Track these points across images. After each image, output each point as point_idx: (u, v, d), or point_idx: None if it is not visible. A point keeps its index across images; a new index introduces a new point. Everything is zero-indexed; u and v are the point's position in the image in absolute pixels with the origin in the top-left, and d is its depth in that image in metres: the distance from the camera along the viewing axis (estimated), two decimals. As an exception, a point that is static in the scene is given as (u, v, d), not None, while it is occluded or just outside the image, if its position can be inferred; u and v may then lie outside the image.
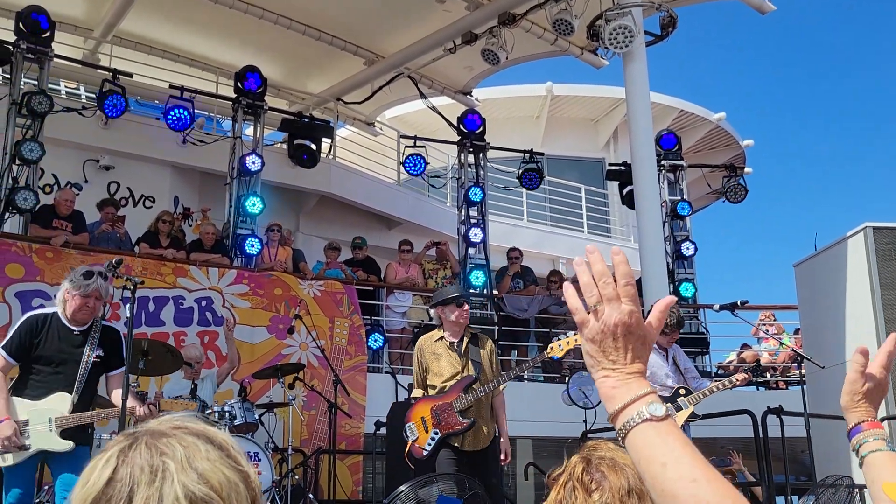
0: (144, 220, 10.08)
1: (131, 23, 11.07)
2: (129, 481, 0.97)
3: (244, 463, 1.05)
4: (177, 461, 0.99)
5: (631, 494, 1.58)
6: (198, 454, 1.01)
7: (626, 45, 9.14)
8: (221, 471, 1.00)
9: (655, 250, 9.23)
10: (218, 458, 1.02)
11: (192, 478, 0.98)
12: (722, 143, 17.63)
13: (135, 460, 0.99)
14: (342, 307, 9.25)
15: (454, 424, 5.41)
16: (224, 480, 1.00)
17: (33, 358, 4.62)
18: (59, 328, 4.70)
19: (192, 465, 0.99)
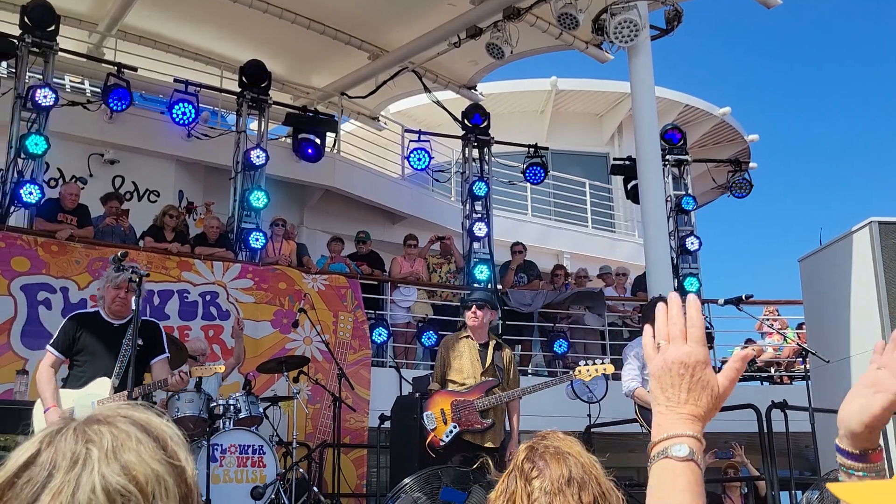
0: (149, 214, 10.10)
1: (136, 17, 11.08)
2: (48, 465, 0.93)
3: (182, 457, 1.01)
4: (101, 450, 0.94)
5: (571, 483, 1.57)
6: (127, 444, 0.96)
7: (632, 39, 9.12)
8: (149, 464, 0.96)
9: (660, 245, 9.22)
10: (150, 451, 0.97)
11: (113, 469, 0.93)
12: (727, 137, 17.58)
13: (59, 445, 0.95)
14: (346, 302, 9.26)
15: (474, 423, 5.69)
16: (150, 474, 0.95)
17: (77, 352, 5.01)
18: (100, 323, 5.08)
19: (118, 456, 0.95)
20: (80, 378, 4.98)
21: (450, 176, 13.56)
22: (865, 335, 6.94)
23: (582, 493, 1.58)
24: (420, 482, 4.54)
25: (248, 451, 6.20)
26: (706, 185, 13.87)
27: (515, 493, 1.63)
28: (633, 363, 6.29)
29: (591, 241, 15.62)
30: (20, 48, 8.90)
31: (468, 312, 5.96)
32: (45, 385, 4.87)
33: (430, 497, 4.48)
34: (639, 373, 6.22)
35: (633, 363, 6.30)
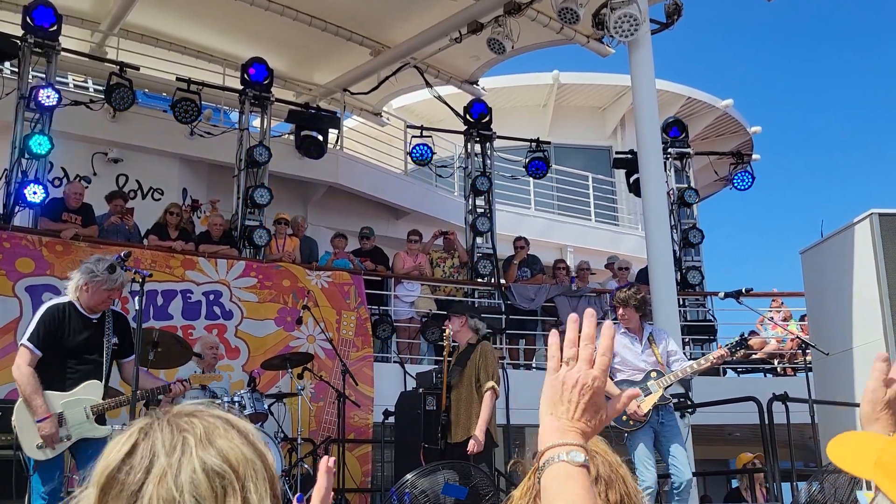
0: (153, 212, 10.14)
1: (138, 15, 11.10)
2: (148, 454, 1.01)
3: (262, 447, 1.09)
4: (196, 437, 1.02)
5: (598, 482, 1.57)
6: (217, 432, 1.04)
7: (632, 33, 9.11)
8: (240, 448, 1.04)
9: (662, 238, 9.23)
10: (237, 438, 1.05)
11: (210, 452, 1.01)
12: (729, 130, 17.56)
13: (156, 436, 1.03)
14: (349, 299, 9.29)
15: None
16: (241, 457, 1.03)
17: (59, 349, 4.65)
18: (78, 317, 4.73)
19: (211, 441, 1.03)
20: (68, 379, 4.65)
21: (452, 171, 13.58)
22: (867, 327, 6.96)
23: (609, 491, 1.57)
24: (422, 478, 4.58)
25: (254, 448, 6.23)
26: (709, 178, 13.86)
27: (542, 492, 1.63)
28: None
29: (595, 234, 15.63)
30: (22, 48, 8.93)
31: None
32: (34, 391, 4.48)
33: (432, 492, 4.53)
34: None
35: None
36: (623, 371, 5.97)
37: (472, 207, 11.34)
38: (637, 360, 5.96)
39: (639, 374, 5.91)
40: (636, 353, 5.98)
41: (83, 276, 4.76)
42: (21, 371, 4.53)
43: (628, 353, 5.96)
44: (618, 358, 5.96)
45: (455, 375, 6.16)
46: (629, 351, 5.97)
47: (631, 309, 5.95)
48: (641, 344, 6.03)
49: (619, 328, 6.02)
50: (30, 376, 4.52)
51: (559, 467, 1.19)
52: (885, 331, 6.70)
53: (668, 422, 5.90)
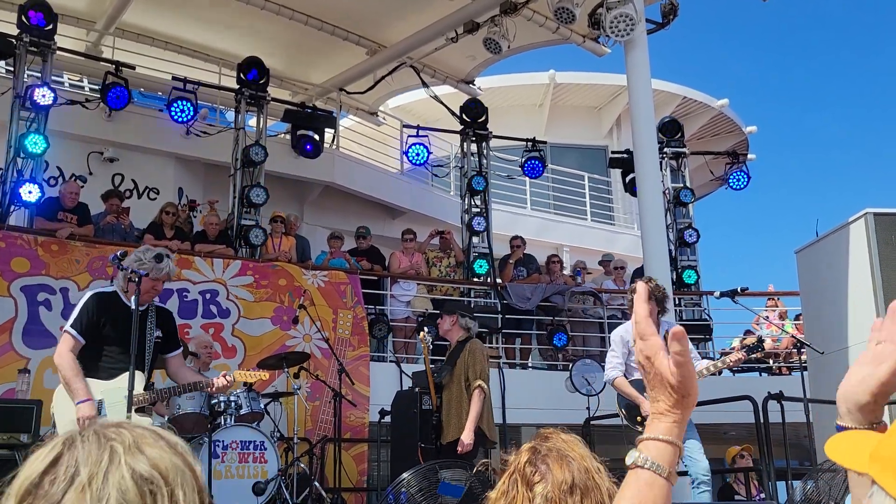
0: (149, 211, 10.14)
1: (133, 15, 11.09)
2: (73, 463, 0.97)
3: (192, 459, 1.05)
4: (125, 445, 0.99)
5: (574, 491, 1.51)
6: (146, 441, 1.01)
7: (628, 33, 9.13)
8: (169, 458, 1.01)
9: (657, 238, 9.25)
10: (166, 448, 1.02)
11: (139, 459, 0.98)
12: (725, 129, 17.59)
13: (81, 446, 0.99)
14: (346, 298, 9.30)
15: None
16: (171, 465, 1.00)
17: (101, 338, 4.59)
18: (122, 308, 4.65)
19: (141, 450, 0.99)
20: (109, 368, 4.60)
21: (449, 170, 13.59)
22: (862, 326, 6.97)
23: (584, 500, 1.53)
24: (418, 476, 4.59)
25: (250, 447, 6.24)
26: (704, 178, 13.89)
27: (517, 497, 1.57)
28: (617, 350, 5.96)
29: (590, 233, 15.65)
30: (18, 47, 8.92)
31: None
32: (75, 375, 4.44)
33: (429, 491, 4.53)
34: (622, 360, 5.91)
35: (616, 350, 5.97)
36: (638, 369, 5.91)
37: (468, 207, 11.35)
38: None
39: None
40: None
41: (132, 264, 4.69)
42: (62, 356, 4.48)
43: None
44: (633, 355, 5.90)
45: (445, 374, 6.15)
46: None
47: (652, 303, 5.84)
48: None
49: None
50: (71, 360, 4.48)
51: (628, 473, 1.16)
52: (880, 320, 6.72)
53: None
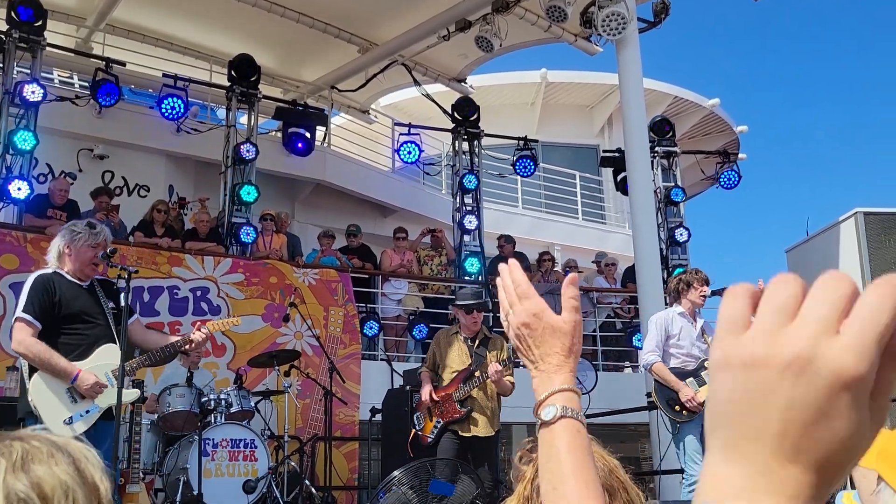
0: (139, 209, 10.10)
1: (124, 11, 11.04)
2: None
3: (96, 477, 1.00)
4: (10, 461, 0.94)
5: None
6: (38, 457, 0.96)
7: (619, 32, 9.14)
8: (58, 476, 0.96)
9: (649, 237, 9.27)
10: (61, 465, 0.97)
11: (19, 478, 0.93)
12: (716, 129, 17.64)
13: None
14: (337, 296, 9.28)
15: (453, 413, 5.84)
16: (57, 485, 0.95)
17: (61, 318, 4.35)
18: (67, 285, 4.43)
19: (25, 467, 0.94)
20: (79, 346, 4.35)
21: (440, 169, 13.58)
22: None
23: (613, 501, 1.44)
24: (409, 474, 4.58)
25: (240, 446, 6.22)
26: (695, 177, 13.92)
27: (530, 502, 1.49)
28: (654, 333, 5.92)
29: (582, 232, 15.67)
30: (7, 43, 8.86)
31: (468, 317, 6.01)
32: (51, 354, 4.18)
33: (420, 489, 4.53)
34: (659, 342, 5.87)
35: (653, 333, 5.93)
36: (676, 357, 5.85)
37: (460, 205, 11.35)
38: (691, 344, 5.86)
39: (692, 362, 5.82)
40: (692, 336, 5.87)
41: (64, 239, 4.48)
42: (25, 344, 4.21)
43: (685, 338, 5.85)
44: (673, 339, 5.86)
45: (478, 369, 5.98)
46: (687, 336, 5.86)
47: (705, 284, 5.90)
48: (696, 328, 5.92)
49: (676, 308, 5.97)
50: (38, 343, 4.21)
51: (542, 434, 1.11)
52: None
53: None
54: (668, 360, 5.87)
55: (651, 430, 7.78)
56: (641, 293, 8.98)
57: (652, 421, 7.55)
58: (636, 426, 10.08)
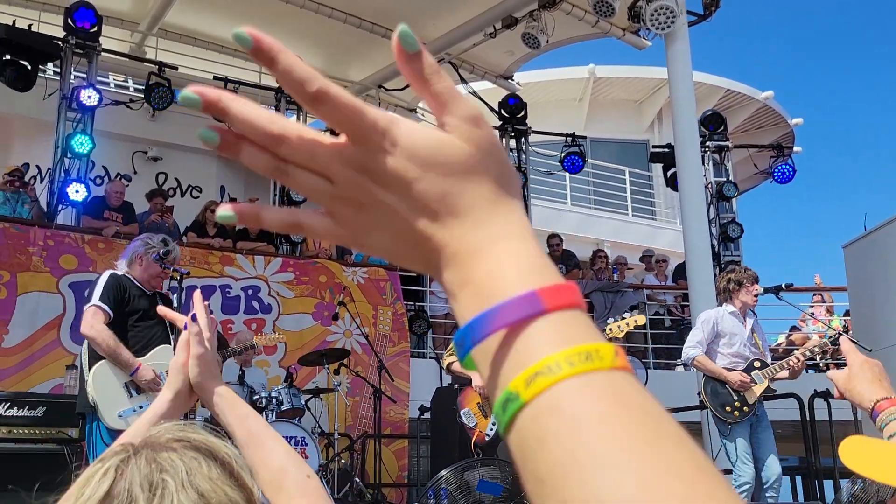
0: (192, 209, 10.28)
1: (176, 15, 11.24)
2: (126, 497, 0.93)
3: (247, 480, 1.02)
4: (177, 479, 0.95)
5: None
6: (199, 472, 0.97)
7: (668, 25, 9.01)
8: (223, 490, 0.97)
9: (699, 233, 9.12)
10: (220, 477, 0.98)
11: (190, 496, 0.94)
12: (770, 122, 17.29)
13: (134, 476, 0.95)
14: (385, 295, 9.33)
15: None
16: (224, 500, 0.97)
17: (128, 312, 4.60)
18: (135, 287, 4.71)
19: (193, 484, 0.96)
20: (138, 343, 4.58)
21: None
22: (912, 322, 6.81)
23: None
24: (457, 474, 4.59)
25: (291, 443, 6.23)
26: (748, 171, 13.66)
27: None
28: (699, 330, 5.84)
29: (632, 229, 15.50)
30: (64, 49, 9.10)
31: None
32: (118, 344, 4.41)
33: (467, 489, 4.53)
34: (703, 339, 5.79)
35: (698, 330, 5.85)
36: (724, 356, 5.76)
37: (508, 203, 11.29)
38: (742, 345, 5.76)
39: (740, 362, 5.73)
40: (743, 336, 5.78)
41: (137, 247, 4.77)
42: (97, 329, 4.42)
43: (736, 333, 5.76)
44: (724, 339, 5.78)
45: None
46: (737, 331, 5.77)
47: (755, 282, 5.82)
48: (747, 330, 5.83)
49: (727, 307, 5.88)
50: (107, 330, 4.44)
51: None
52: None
53: (762, 415, 5.77)
54: (716, 360, 5.78)
55: (703, 430, 7.67)
56: (692, 290, 8.85)
57: (703, 420, 7.44)
58: (687, 425, 9.88)
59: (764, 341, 5.97)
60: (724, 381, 5.64)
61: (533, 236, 0.51)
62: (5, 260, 7.66)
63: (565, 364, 0.44)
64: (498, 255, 0.48)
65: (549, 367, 0.44)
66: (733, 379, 5.57)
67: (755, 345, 5.80)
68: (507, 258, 0.48)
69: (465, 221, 0.49)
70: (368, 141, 0.51)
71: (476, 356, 0.48)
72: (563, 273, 10.82)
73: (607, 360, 0.44)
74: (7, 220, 8.10)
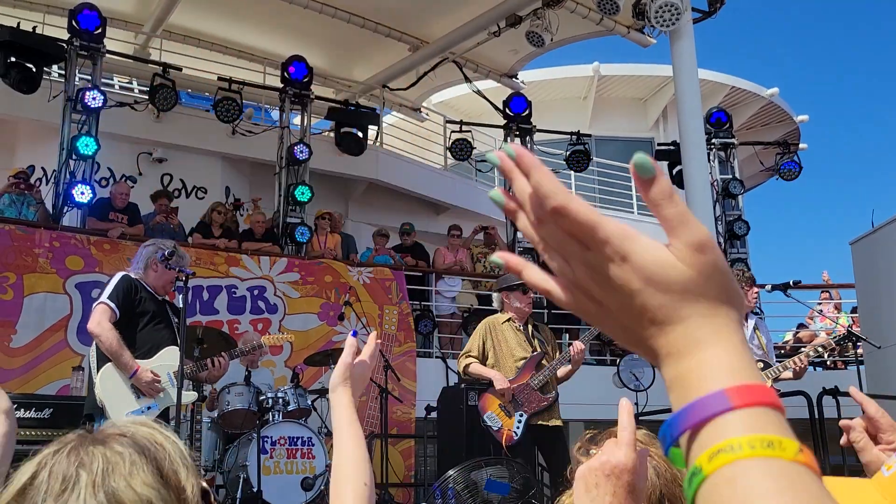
0: (197, 210, 10.29)
1: (180, 16, 11.25)
2: (42, 490, 0.93)
3: (181, 477, 0.99)
4: (91, 474, 0.94)
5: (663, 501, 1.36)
6: (118, 468, 0.95)
7: (673, 22, 8.99)
8: (137, 490, 0.95)
9: (706, 230, 9.10)
10: (142, 475, 0.96)
11: (98, 497, 0.93)
12: (775, 119, 17.24)
13: (54, 467, 0.95)
14: (391, 294, 9.32)
15: (539, 402, 5.57)
16: (136, 500, 0.94)
17: (137, 313, 4.64)
18: (146, 291, 4.76)
19: (105, 482, 0.94)
20: (146, 344, 4.61)
21: (492, 165, 13.52)
22: (920, 319, 6.78)
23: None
24: (464, 473, 4.57)
25: (298, 443, 6.28)
26: (754, 168, 13.62)
27: None
28: None
29: (637, 227, 14.95)
30: (69, 51, 9.11)
31: (523, 297, 5.84)
32: (121, 345, 4.42)
33: (474, 488, 4.51)
34: None
35: None
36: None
37: (513, 202, 11.27)
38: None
39: None
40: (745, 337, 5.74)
41: (149, 253, 4.82)
42: (103, 326, 4.43)
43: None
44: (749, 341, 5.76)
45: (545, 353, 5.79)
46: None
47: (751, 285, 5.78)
48: (749, 329, 5.78)
49: None
50: (113, 330, 4.44)
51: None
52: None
53: None
54: None
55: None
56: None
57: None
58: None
59: (769, 341, 5.93)
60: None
61: (741, 343, 0.58)
62: (11, 261, 7.67)
63: (746, 446, 0.51)
64: (701, 358, 0.57)
65: (731, 447, 0.51)
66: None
67: (758, 346, 5.76)
68: (710, 360, 0.57)
69: (677, 328, 0.58)
70: (600, 250, 0.60)
71: (680, 449, 0.56)
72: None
73: (790, 452, 0.51)
74: (13, 221, 8.12)
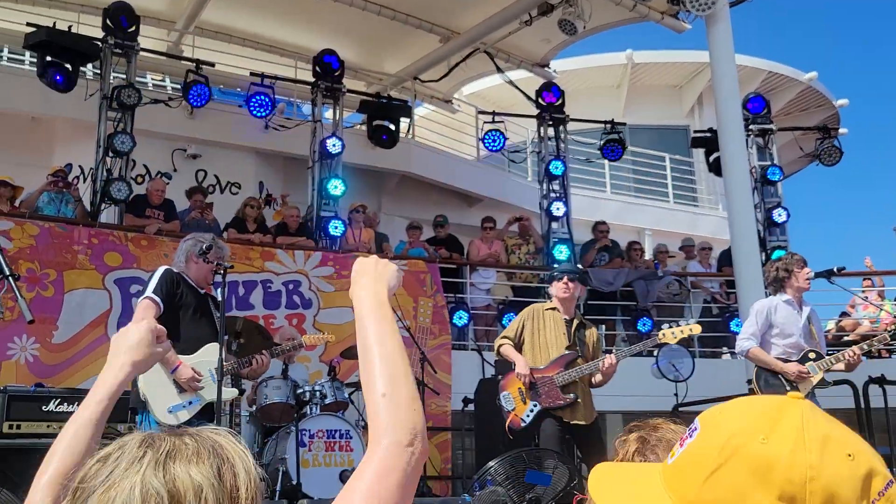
0: (231, 206, 10.34)
1: (211, 13, 11.31)
2: (112, 464, 0.99)
3: (240, 481, 1.01)
4: (156, 455, 0.98)
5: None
6: (181, 454, 0.99)
7: (709, 6, 8.82)
8: (193, 477, 0.98)
9: (745, 218, 8.94)
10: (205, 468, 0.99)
11: (157, 474, 0.97)
12: (814, 103, 16.92)
13: (126, 448, 1.01)
14: (425, 287, 9.29)
15: (556, 399, 5.49)
16: (190, 485, 0.97)
17: (179, 306, 4.69)
18: (188, 285, 4.82)
19: (167, 464, 0.98)
20: (188, 339, 4.65)
21: (526, 156, 13.43)
22: (971, 305, 6.59)
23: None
24: (505, 465, 4.53)
25: (336, 436, 6.29)
26: (793, 154, 13.37)
27: None
28: (753, 320, 5.68)
29: (673, 216, 15.28)
30: (104, 50, 9.20)
31: (559, 283, 5.72)
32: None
33: (516, 479, 4.47)
34: (757, 330, 5.64)
35: (752, 320, 5.69)
36: (777, 346, 5.60)
37: (547, 192, 11.19)
38: (798, 334, 5.59)
39: (794, 353, 5.58)
40: (798, 325, 5.61)
41: (189, 247, 4.88)
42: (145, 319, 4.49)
43: (791, 322, 5.59)
44: (777, 329, 5.62)
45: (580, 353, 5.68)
46: (792, 320, 5.59)
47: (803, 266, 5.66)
48: (802, 317, 5.66)
49: (782, 296, 5.71)
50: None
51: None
52: None
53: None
54: (769, 350, 5.62)
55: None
56: (739, 277, 8.68)
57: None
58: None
59: (820, 331, 5.80)
60: (779, 372, 5.49)
61: None
62: (52, 259, 7.76)
63: None
64: None
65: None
66: (791, 370, 5.42)
67: (811, 335, 5.63)
68: None
69: None
70: None
71: None
72: (605, 262, 10.71)
73: None
74: (52, 219, 8.22)
